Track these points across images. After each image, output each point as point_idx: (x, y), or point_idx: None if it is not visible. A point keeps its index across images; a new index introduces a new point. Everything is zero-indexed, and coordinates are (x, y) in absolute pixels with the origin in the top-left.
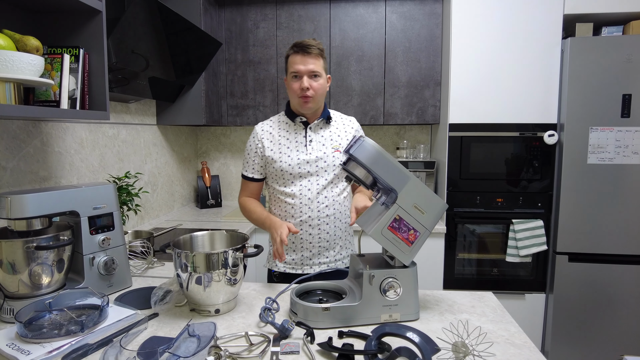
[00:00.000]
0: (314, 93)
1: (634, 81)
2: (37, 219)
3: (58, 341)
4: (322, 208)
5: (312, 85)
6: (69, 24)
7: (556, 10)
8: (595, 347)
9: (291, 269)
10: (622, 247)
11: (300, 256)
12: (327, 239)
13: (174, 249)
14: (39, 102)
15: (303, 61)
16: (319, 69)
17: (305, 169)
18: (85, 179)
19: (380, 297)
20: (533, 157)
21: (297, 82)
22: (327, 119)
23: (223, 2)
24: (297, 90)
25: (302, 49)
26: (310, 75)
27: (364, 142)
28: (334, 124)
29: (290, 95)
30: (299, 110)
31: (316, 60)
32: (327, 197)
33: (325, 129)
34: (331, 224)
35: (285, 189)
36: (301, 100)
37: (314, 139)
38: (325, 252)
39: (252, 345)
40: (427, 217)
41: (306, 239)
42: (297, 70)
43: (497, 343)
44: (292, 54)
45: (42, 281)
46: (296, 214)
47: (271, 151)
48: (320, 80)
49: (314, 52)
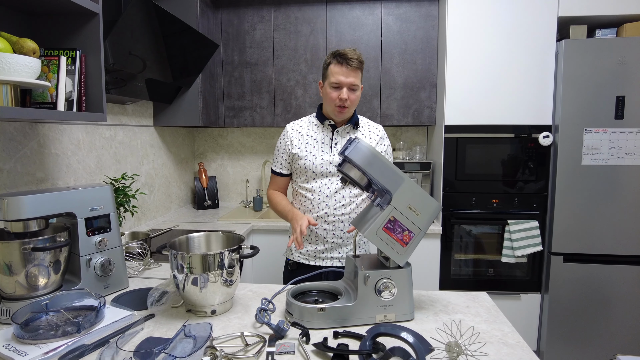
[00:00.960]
0: (350, 104)
1: (627, 83)
2: (33, 220)
3: (54, 342)
4: (338, 206)
5: (350, 97)
6: (65, 26)
7: (551, 12)
8: (590, 347)
9: (305, 260)
10: (616, 248)
11: (314, 249)
12: (341, 236)
13: (170, 250)
14: (36, 104)
15: (345, 73)
16: (358, 82)
17: (327, 169)
18: (82, 181)
19: (375, 297)
20: (528, 158)
21: (336, 92)
22: (354, 125)
23: (220, 4)
24: (335, 99)
25: (346, 61)
26: (350, 87)
27: (359, 144)
28: (360, 129)
29: (325, 101)
30: (331, 116)
31: (356, 74)
32: (344, 196)
33: (351, 133)
34: (346, 222)
35: (306, 185)
36: (337, 109)
37: (340, 142)
38: (338, 248)
39: (247, 346)
40: (421, 218)
41: (321, 234)
42: (339, 81)
43: (491, 343)
44: (334, 63)
45: (39, 282)
46: (314, 209)
47: (298, 149)
48: (358, 93)
49: (355, 65)
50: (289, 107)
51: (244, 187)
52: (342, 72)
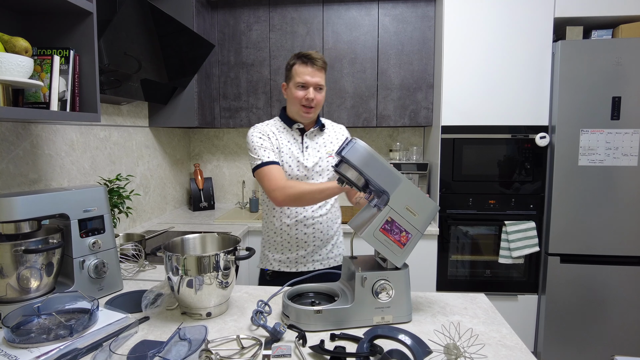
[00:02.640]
0: (317, 104)
1: (623, 84)
2: (25, 222)
3: (46, 346)
4: (315, 208)
5: (317, 97)
6: (59, 25)
7: (547, 13)
8: (587, 347)
9: (286, 267)
10: (612, 248)
11: (295, 255)
12: (321, 238)
13: (165, 252)
14: (29, 103)
15: (311, 73)
16: (323, 82)
17: (303, 173)
18: (76, 182)
19: (373, 299)
20: (525, 159)
21: (302, 92)
22: (321, 127)
23: (216, 4)
24: (301, 99)
25: (311, 61)
26: (316, 87)
27: (356, 144)
28: (326, 131)
29: (290, 102)
30: (297, 118)
31: (321, 74)
32: None
33: (319, 135)
34: (324, 224)
35: None
36: (302, 109)
37: (310, 145)
38: (318, 250)
39: (243, 349)
40: (419, 219)
41: (301, 238)
42: (305, 81)
43: (489, 345)
44: (298, 64)
45: (31, 285)
46: (292, 213)
47: (277, 149)
48: (323, 93)
49: (320, 65)
50: None
51: (240, 188)
52: (308, 72)
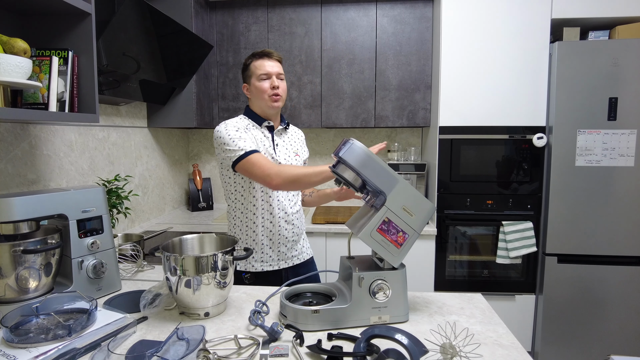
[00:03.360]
0: (282, 92)
1: (620, 85)
2: (24, 222)
3: (45, 346)
4: (292, 205)
5: (281, 85)
6: (58, 26)
7: (544, 14)
8: (584, 347)
9: (268, 267)
10: (610, 249)
11: (277, 252)
12: (298, 233)
13: (163, 252)
14: (27, 104)
15: (270, 65)
16: (283, 73)
17: None
18: (74, 182)
19: (370, 299)
20: (522, 160)
21: (267, 82)
22: (286, 126)
23: (214, 5)
24: (267, 90)
25: (267, 55)
26: (278, 76)
27: (353, 145)
28: (290, 130)
29: (256, 97)
30: (266, 111)
31: (280, 65)
32: (294, 195)
33: (284, 134)
34: (300, 219)
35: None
36: (271, 99)
37: (279, 143)
38: (295, 246)
39: (241, 348)
40: (415, 219)
41: (283, 235)
42: (267, 71)
43: (485, 344)
44: (256, 59)
45: (29, 285)
46: (274, 210)
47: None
48: (285, 83)
49: (275, 58)
50: (283, 109)
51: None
52: (268, 64)
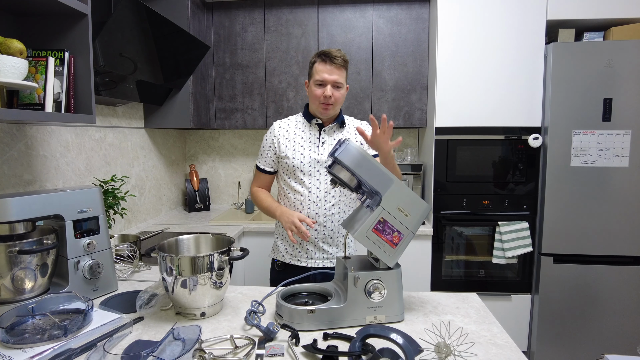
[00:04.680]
0: (335, 101)
1: (614, 85)
2: (20, 222)
3: (40, 346)
4: (328, 206)
5: (334, 95)
6: (54, 27)
7: (539, 16)
8: (579, 347)
9: (296, 261)
10: (605, 248)
11: (305, 249)
12: (331, 236)
13: (159, 253)
14: (23, 105)
15: (329, 71)
16: (342, 80)
17: (315, 168)
18: (71, 183)
19: (365, 299)
20: (518, 160)
21: (320, 89)
22: (341, 124)
23: (211, 6)
24: (319, 97)
25: (329, 59)
26: (334, 85)
27: (348, 146)
28: (347, 127)
29: (310, 100)
30: (317, 114)
31: (340, 72)
32: (333, 196)
33: (338, 132)
34: (335, 222)
35: (295, 185)
36: (321, 107)
37: (327, 140)
38: (328, 248)
39: (236, 348)
40: (411, 219)
41: (312, 234)
42: (323, 79)
43: (480, 343)
44: (318, 62)
45: (25, 286)
46: (303, 209)
47: (286, 147)
48: (342, 91)
49: (339, 63)
50: (280, 109)
51: (235, 189)
52: (326, 70)
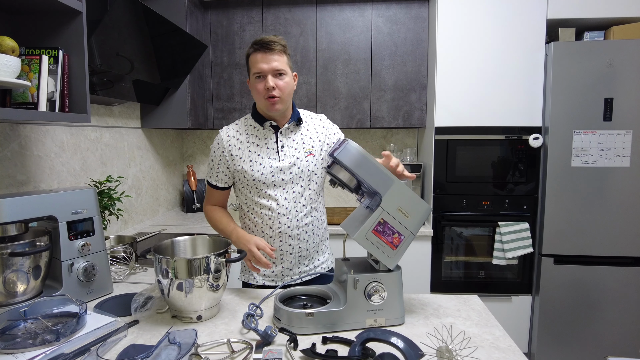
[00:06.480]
0: (281, 93)
1: (615, 85)
2: (12, 224)
3: (32, 351)
4: (300, 217)
5: (278, 85)
6: (48, 24)
7: (540, 15)
8: (581, 348)
9: (271, 281)
10: (606, 249)
11: (280, 268)
12: (307, 248)
13: (155, 255)
14: (16, 104)
15: (265, 59)
16: (284, 67)
17: (280, 177)
18: (66, 183)
19: (365, 301)
20: (518, 160)
21: (261, 83)
22: (297, 121)
23: (209, 5)
24: (262, 91)
25: (263, 47)
26: (275, 73)
27: (348, 145)
28: (304, 125)
29: (255, 97)
30: (267, 113)
31: (280, 57)
32: (304, 205)
33: (296, 132)
34: (310, 232)
35: (260, 200)
36: (268, 102)
37: (286, 144)
38: (305, 261)
39: (233, 353)
40: (411, 220)
41: (286, 250)
42: (260, 69)
43: (482, 347)
44: (252, 53)
45: (17, 289)
46: (274, 225)
47: (241, 160)
48: (286, 78)
49: (276, 49)
50: None
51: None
52: (262, 59)
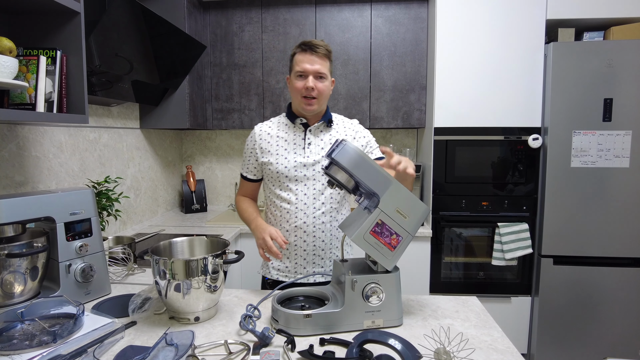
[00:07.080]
0: (319, 94)
1: (615, 85)
2: (9, 225)
3: (29, 353)
4: (318, 214)
5: (317, 86)
6: (46, 25)
7: (539, 15)
8: (580, 349)
9: (284, 277)
10: (605, 250)
11: (294, 264)
12: (322, 247)
13: (152, 256)
14: (14, 105)
15: (310, 60)
16: (325, 71)
17: (302, 172)
18: (64, 184)
19: (363, 303)
20: (518, 161)
21: (301, 82)
22: (328, 122)
23: (208, 5)
24: (300, 90)
25: (310, 48)
26: (316, 75)
27: (346, 146)
28: (335, 127)
29: (292, 95)
30: (301, 111)
31: (323, 61)
32: (324, 203)
33: (325, 132)
34: (327, 232)
35: (281, 192)
36: (304, 101)
37: (313, 142)
38: (319, 261)
39: (231, 354)
40: (409, 221)
41: (300, 246)
42: (304, 69)
43: (480, 348)
44: (298, 52)
45: (15, 290)
46: (291, 219)
47: (269, 152)
48: (326, 82)
49: (321, 52)
50: (277, 109)
51: (232, 190)
52: (307, 60)
